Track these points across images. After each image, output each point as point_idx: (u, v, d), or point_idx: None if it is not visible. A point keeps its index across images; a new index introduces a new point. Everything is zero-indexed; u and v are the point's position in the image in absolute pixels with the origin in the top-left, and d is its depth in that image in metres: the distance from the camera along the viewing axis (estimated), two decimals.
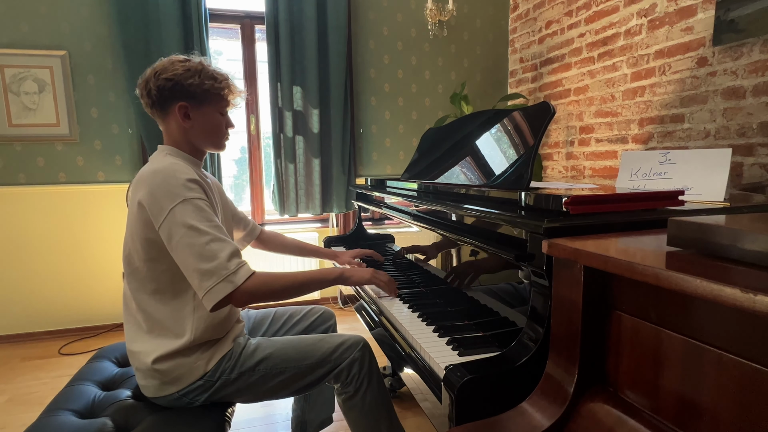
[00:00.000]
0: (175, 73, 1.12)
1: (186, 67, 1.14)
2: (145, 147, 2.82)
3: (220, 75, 1.18)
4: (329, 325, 1.52)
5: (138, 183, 1.08)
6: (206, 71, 1.16)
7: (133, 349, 1.13)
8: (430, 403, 0.87)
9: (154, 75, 1.13)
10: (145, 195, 1.04)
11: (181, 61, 1.15)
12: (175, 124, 1.16)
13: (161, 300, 1.11)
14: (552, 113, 1.12)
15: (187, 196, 1.03)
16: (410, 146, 3.39)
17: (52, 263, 2.80)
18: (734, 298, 0.45)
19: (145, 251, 1.08)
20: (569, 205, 0.82)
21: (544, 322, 0.80)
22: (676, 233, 0.62)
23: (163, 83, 1.12)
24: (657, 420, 0.60)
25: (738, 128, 1.92)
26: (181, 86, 1.12)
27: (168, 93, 1.12)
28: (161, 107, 1.15)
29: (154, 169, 1.06)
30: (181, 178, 1.04)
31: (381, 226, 1.95)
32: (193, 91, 1.13)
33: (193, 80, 1.13)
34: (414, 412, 1.90)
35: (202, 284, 1.00)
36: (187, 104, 1.15)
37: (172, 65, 1.14)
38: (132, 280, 1.13)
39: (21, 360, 2.52)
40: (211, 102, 1.18)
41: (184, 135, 1.18)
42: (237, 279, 1.01)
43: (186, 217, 1.01)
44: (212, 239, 1.01)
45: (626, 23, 2.43)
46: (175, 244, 1.01)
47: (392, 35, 3.27)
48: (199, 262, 1.00)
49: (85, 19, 2.71)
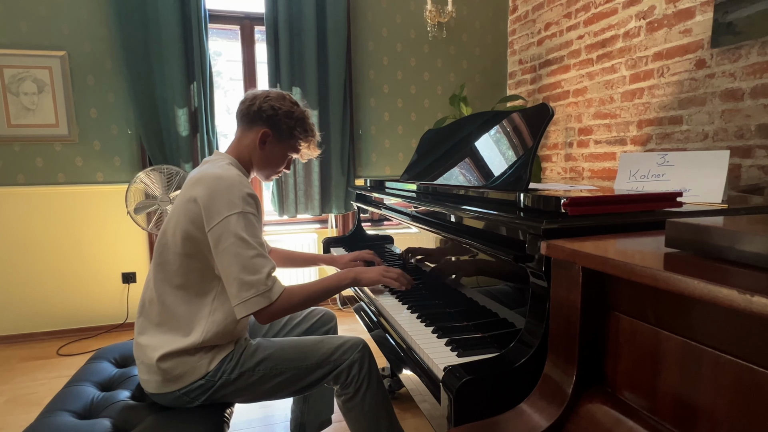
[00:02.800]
0: (281, 107, 1.25)
1: (292, 110, 1.27)
2: (144, 147, 2.82)
3: (311, 131, 1.32)
4: (330, 326, 1.52)
5: (198, 181, 1.12)
6: (304, 122, 1.29)
7: (141, 341, 1.15)
8: (429, 404, 0.87)
9: (265, 97, 1.25)
10: (204, 194, 1.08)
11: (291, 102, 1.28)
12: (250, 142, 1.25)
13: (183, 296, 1.14)
14: (551, 115, 1.13)
15: (245, 209, 1.09)
16: (409, 147, 3.39)
17: (50, 264, 2.80)
18: (731, 300, 0.45)
19: (183, 245, 1.11)
20: (568, 206, 0.82)
21: (543, 323, 0.80)
22: (674, 235, 0.62)
23: (266, 107, 1.23)
24: (655, 421, 0.60)
25: (736, 130, 1.93)
26: (277, 119, 1.24)
27: (264, 116, 1.24)
28: (250, 122, 1.25)
29: (219, 175, 1.11)
30: (245, 190, 1.10)
31: (380, 227, 1.95)
32: (283, 128, 1.26)
33: (289, 121, 1.26)
34: (413, 413, 1.90)
35: (240, 294, 1.05)
36: (271, 134, 1.25)
37: (282, 99, 1.27)
38: (159, 271, 1.15)
39: (19, 361, 2.52)
40: (289, 144, 1.29)
41: (249, 154, 1.26)
42: (272, 295, 1.08)
43: (239, 228, 1.06)
44: (258, 254, 1.07)
45: (625, 25, 2.43)
46: (222, 249, 1.06)
47: (391, 37, 3.28)
48: (243, 273, 1.05)
49: (84, 19, 2.71)
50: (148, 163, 2.85)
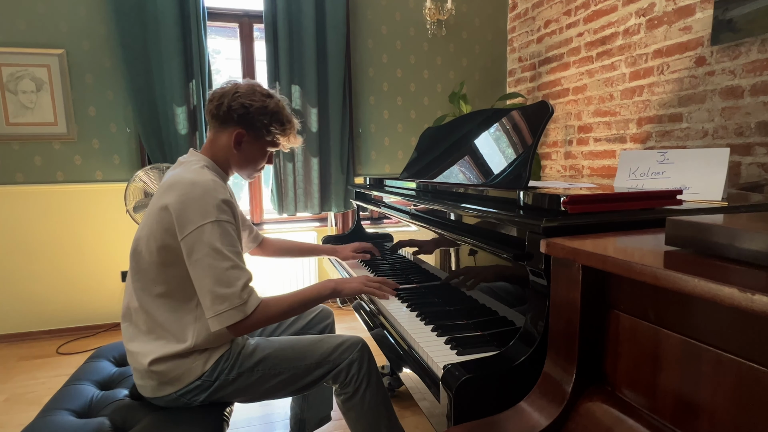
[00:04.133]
0: (252, 104, 1.16)
1: (264, 104, 1.18)
2: (143, 145, 2.81)
3: (288, 123, 1.23)
4: (327, 323, 1.52)
5: (171, 187, 1.06)
6: (278, 116, 1.20)
7: (131, 348, 1.13)
8: (428, 403, 0.87)
9: (233, 94, 1.16)
10: (175, 202, 1.03)
11: (263, 95, 1.19)
12: (226, 142, 1.19)
13: (165, 304, 1.10)
14: (550, 112, 1.12)
15: (219, 217, 1.04)
16: (409, 145, 3.38)
17: (50, 262, 2.79)
18: (732, 298, 0.45)
19: (158, 254, 1.07)
20: (568, 204, 0.82)
21: (543, 321, 0.80)
22: (674, 232, 0.62)
23: (236, 106, 1.15)
24: (655, 419, 0.60)
25: (736, 128, 1.93)
26: (251, 117, 1.16)
27: (236, 116, 1.16)
28: (222, 122, 1.18)
29: (192, 180, 1.06)
30: (219, 197, 1.05)
31: (380, 225, 1.95)
32: (258, 126, 1.18)
33: (264, 118, 1.17)
34: (413, 411, 1.90)
35: (214, 307, 1.01)
36: (245, 134, 1.18)
37: (253, 94, 1.17)
38: (137, 280, 1.11)
39: (19, 359, 2.52)
40: (266, 141, 1.22)
41: (226, 155, 1.20)
42: (247, 309, 1.04)
43: (213, 238, 1.02)
44: (233, 266, 1.03)
45: (625, 22, 2.43)
46: (196, 260, 1.02)
47: (391, 34, 3.27)
48: (216, 286, 1.01)
49: (82, 17, 2.70)
50: (147, 161, 2.84)
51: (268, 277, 2.98)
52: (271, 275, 2.99)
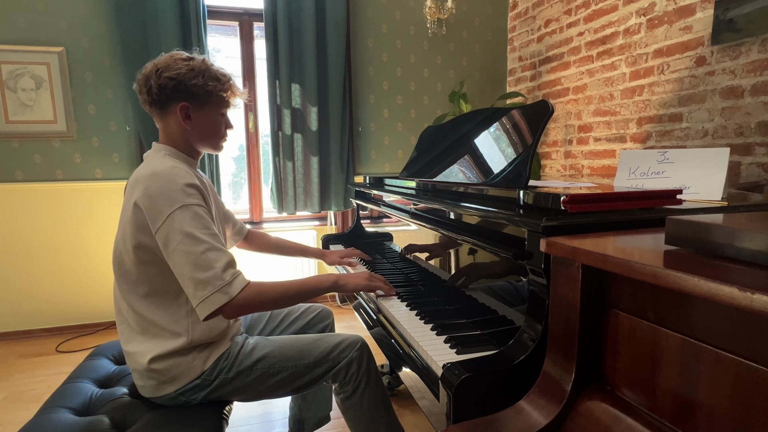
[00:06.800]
0: (179, 72, 1.09)
1: (190, 67, 1.10)
2: (143, 144, 2.81)
3: (223, 76, 1.16)
4: (327, 323, 1.52)
5: (135, 184, 1.04)
6: (210, 72, 1.13)
7: (128, 349, 1.12)
8: (428, 402, 0.87)
9: (156, 72, 1.09)
10: (142, 197, 1.01)
11: (184, 60, 1.12)
12: (175, 123, 1.14)
13: (154, 303, 1.09)
14: (550, 112, 1.12)
15: (186, 201, 1.01)
16: (409, 144, 3.38)
17: (49, 261, 2.79)
18: (732, 297, 0.45)
19: (135, 254, 1.05)
20: (567, 203, 0.82)
21: (542, 320, 0.80)
22: (674, 232, 0.62)
23: (165, 82, 1.08)
24: (654, 418, 0.60)
25: (736, 127, 1.93)
26: (184, 86, 1.09)
27: (170, 92, 1.09)
28: (161, 105, 1.12)
29: (153, 171, 1.03)
30: (181, 182, 1.02)
31: (379, 224, 1.95)
32: (195, 92, 1.11)
33: (197, 81, 1.10)
34: (412, 410, 1.90)
35: (197, 293, 0.98)
36: (189, 105, 1.12)
37: (174, 63, 1.10)
38: (123, 282, 1.10)
39: (18, 357, 2.52)
40: (213, 103, 1.15)
41: (182, 135, 1.15)
42: (232, 290, 0.99)
43: (184, 224, 0.99)
44: (209, 248, 1.00)
45: (625, 22, 2.43)
46: (172, 250, 0.99)
47: (391, 33, 3.27)
48: (195, 271, 0.98)
49: (82, 15, 2.69)
50: None
51: (268, 276, 2.98)
52: (271, 275, 2.99)
